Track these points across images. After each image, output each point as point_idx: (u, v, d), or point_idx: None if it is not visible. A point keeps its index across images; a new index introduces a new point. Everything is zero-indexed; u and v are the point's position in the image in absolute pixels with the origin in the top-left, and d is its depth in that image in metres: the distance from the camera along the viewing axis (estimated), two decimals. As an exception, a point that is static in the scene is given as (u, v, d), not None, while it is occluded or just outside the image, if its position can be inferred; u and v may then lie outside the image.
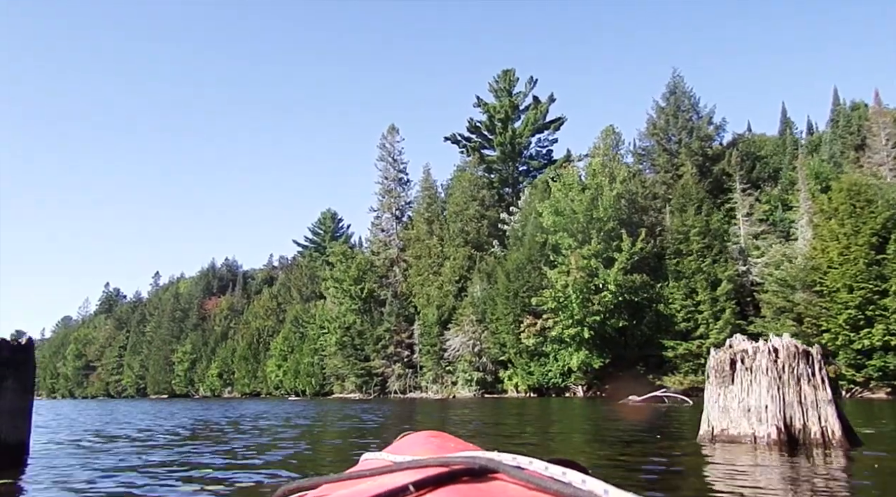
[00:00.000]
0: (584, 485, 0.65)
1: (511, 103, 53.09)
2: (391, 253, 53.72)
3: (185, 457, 6.05)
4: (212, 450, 6.75)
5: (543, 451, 5.59)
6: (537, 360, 38.31)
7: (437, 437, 1.26)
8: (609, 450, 6.41)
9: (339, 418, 14.74)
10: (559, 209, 35.85)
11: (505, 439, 8.04)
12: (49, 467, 5.32)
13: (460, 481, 0.73)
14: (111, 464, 5.54)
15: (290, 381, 62.41)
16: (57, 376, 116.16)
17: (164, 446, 7.36)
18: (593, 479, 0.66)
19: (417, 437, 1.27)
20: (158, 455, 6.34)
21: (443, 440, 1.21)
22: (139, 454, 6.41)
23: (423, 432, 1.32)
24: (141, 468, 5.18)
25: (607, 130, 38.40)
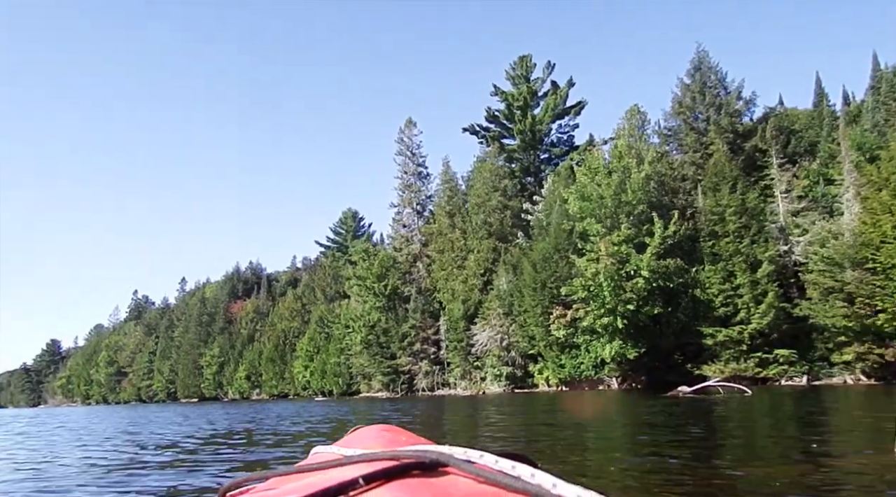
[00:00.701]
0: (533, 478, 0.66)
1: (529, 90, 51.53)
2: (413, 248, 52.63)
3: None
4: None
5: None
6: (568, 352, 36.91)
7: (389, 430, 1.23)
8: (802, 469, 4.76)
9: (369, 421, 13.65)
10: (585, 195, 34.36)
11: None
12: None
13: (410, 475, 0.73)
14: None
15: (317, 382, 61.90)
16: (91, 383, 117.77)
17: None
18: (542, 473, 0.67)
19: (369, 431, 1.24)
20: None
21: (394, 434, 1.19)
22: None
23: (376, 426, 1.28)
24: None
25: (632, 110, 36.74)
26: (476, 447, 0.78)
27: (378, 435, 1.19)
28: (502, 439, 8.24)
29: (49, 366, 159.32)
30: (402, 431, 1.24)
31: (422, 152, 54.37)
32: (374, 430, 1.24)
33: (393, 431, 1.23)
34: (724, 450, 6.47)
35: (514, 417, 13.09)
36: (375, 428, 1.27)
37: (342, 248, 78.67)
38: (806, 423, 9.57)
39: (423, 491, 0.69)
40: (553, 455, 5.89)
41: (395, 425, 1.31)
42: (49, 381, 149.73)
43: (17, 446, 10.25)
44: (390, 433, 1.20)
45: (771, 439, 7.44)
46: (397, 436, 1.18)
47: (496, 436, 8.75)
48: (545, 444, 7.32)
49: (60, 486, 5.18)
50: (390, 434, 1.19)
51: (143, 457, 7.44)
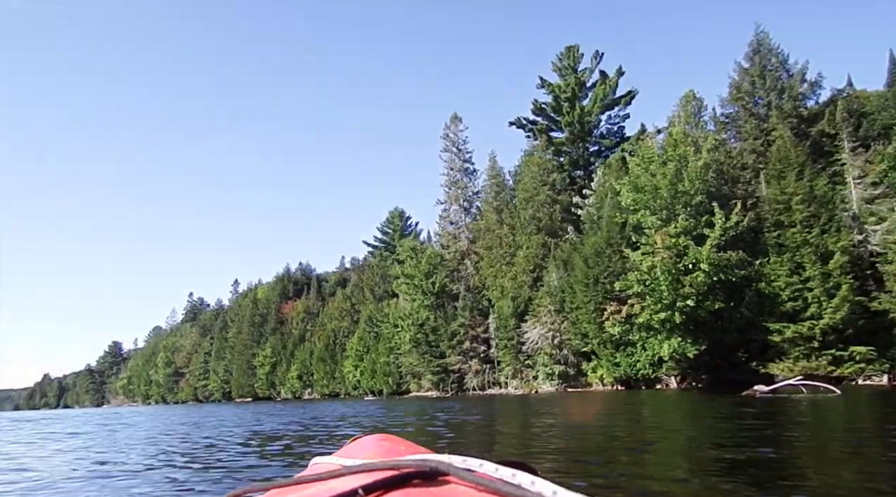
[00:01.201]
0: (534, 486, 0.66)
1: (577, 81, 50.05)
2: (461, 245, 51.87)
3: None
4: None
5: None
6: (623, 349, 35.48)
7: (388, 440, 1.24)
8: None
9: (423, 422, 13.00)
10: (639, 185, 32.89)
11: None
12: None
13: (411, 484, 0.73)
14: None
15: (367, 381, 61.88)
16: (150, 383, 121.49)
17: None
18: (542, 481, 0.67)
19: (368, 441, 1.26)
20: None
21: (393, 443, 1.20)
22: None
23: (374, 435, 1.30)
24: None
25: (687, 96, 35.01)
26: (475, 456, 0.78)
27: (377, 444, 1.18)
28: (595, 453, 7.35)
29: (111, 367, 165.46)
30: (402, 441, 1.23)
31: (468, 148, 53.63)
32: (374, 440, 1.24)
33: (392, 441, 1.22)
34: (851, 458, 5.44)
35: (586, 422, 12.17)
36: (375, 437, 1.26)
37: (389, 247, 78.64)
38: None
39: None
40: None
41: (392, 434, 1.30)
42: (111, 381, 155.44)
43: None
44: (389, 442, 1.20)
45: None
46: (396, 445, 1.18)
47: (581, 451, 7.87)
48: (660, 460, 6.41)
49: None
50: (389, 443, 1.19)
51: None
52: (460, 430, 10.68)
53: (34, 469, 7.28)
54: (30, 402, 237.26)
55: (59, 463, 8.08)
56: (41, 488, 5.60)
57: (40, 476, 6.51)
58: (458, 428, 11.21)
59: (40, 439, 12.84)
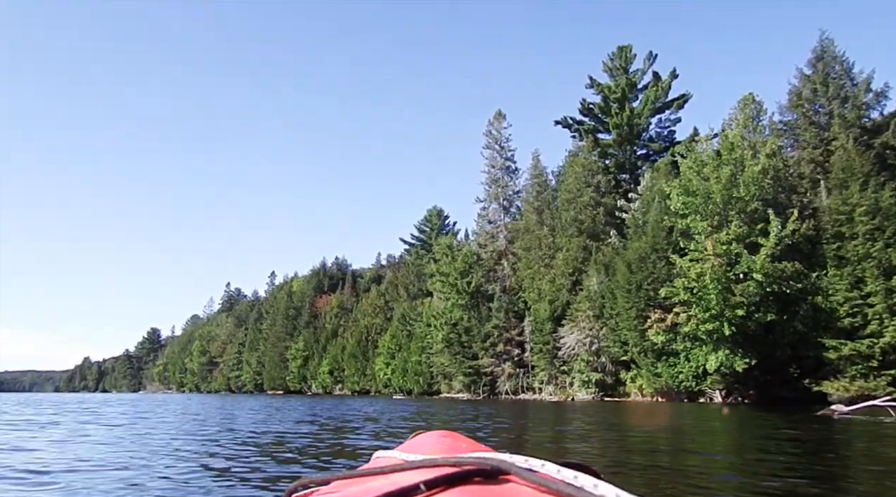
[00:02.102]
0: (596, 489, 0.65)
1: (628, 82, 48.66)
2: (499, 245, 50.86)
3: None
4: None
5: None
6: (665, 360, 34.06)
7: (449, 436, 1.24)
8: None
9: (460, 427, 12.25)
10: (690, 189, 31.50)
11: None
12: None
13: (472, 482, 0.74)
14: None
15: (397, 380, 61.38)
16: (185, 371, 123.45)
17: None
18: (605, 484, 0.66)
19: (429, 437, 1.26)
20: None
21: (455, 440, 1.20)
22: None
23: (436, 431, 1.30)
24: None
25: (746, 99, 33.45)
26: (539, 457, 0.76)
27: (438, 441, 1.18)
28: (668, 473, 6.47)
29: (149, 353, 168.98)
30: (463, 438, 1.23)
31: (510, 146, 52.51)
32: (435, 436, 1.24)
33: (453, 438, 1.22)
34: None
35: (650, 434, 11.22)
36: (436, 434, 1.26)
37: (426, 245, 78.09)
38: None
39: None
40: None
41: (456, 432, 1.29)
42: (148, 367, 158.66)
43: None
44: (451, 439, 1.20)
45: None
46: (458, 442, 1.18)
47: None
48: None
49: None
50: (451, 440, 1.19)
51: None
52: (510, 436, 9.89)
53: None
54: (69, 384, 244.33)
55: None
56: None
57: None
58: (506, 433, 10.43)
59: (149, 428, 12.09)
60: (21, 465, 5.73)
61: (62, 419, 13.88)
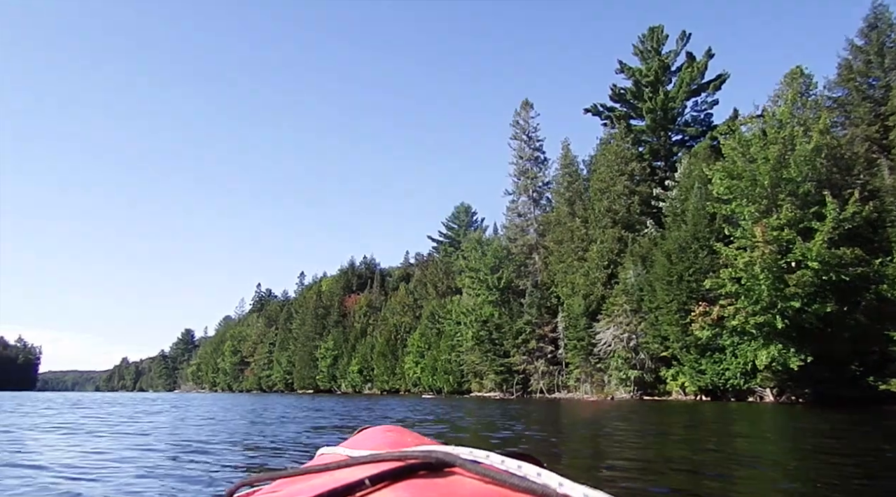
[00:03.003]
0: (540, 478, 0.65)
1: (661, 64, 46.15)
2: (529, 239, 48.88)
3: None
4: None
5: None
6: (710, 356, 31.83)
7: (394, 431, 1.25)
8: None
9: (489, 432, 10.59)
10: (735, 172, 29.18)
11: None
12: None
13: (417, 475, 0.73)
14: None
15: (427, 378, 59.98)
16: (217, 371, 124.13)
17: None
18: (548, 473, 0.66)
19: (375, 432, 1.26)
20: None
21: (400, 434, 1.21)
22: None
23: (381, 427, 1.31)
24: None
25: (793, 73, 30.90)
26: (481, 447, 0.77)
27: (384, 435, 1.18)
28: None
29: (183, 353, 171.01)
30: (408, 432, 1.23)
31: (539, 136, 50.39)
32: (380, 431, 1.24)
33: (399, 432, 1.22)
34: None
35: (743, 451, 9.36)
36: (381, 428, 1.27)
37: (454, 243, 76.55)
38: None
39: (430, 491, 0.69)
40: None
41: (400, 426, 1.28)
42: (183, 367, 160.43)
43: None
44: (396, 434, 1.20)
45: None
46: (403, 436, 1.18)
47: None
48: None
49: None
50: (396, 434, 1.19)
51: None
52: (549, 443, 8.16)
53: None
54: (108, 383, 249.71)
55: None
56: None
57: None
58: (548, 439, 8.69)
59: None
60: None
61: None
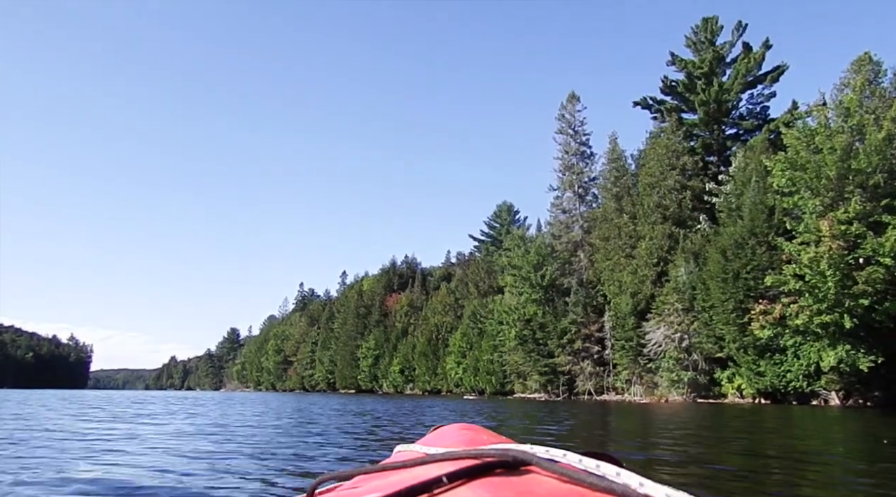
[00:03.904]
0: (619, 477, 0.64)
1: (715, 55, 44.39)
2: (574, 235, 47.67)
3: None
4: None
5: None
6: (770, 357, 30.24)
7: (470, 429, 1.23)
8: None
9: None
10: (798, 163, 27.63)
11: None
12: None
13: (493, 473, 0.73)
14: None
15: (469, 379, 59.24)
16: (261, 370, 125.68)
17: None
18: (628, 472, 0.65)
19: (450, 430, 1.25)
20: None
21: (475, 432, 1.19)
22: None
23: (456, 424, 1.29)
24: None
25: (861, 59, 29.08)
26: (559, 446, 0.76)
27: (459, 433, 1.17)
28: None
29: (229, 352, 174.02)
30: (484, 430, 1.22)
31: (585, 130, 49.13)
32: (456, 429, 1.23)
33: (474, 430, 1.21)
34: None
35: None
36: (456, 426, 1.26)
37: (496, 242, 75.59)
38: None
39: (506, 489, 0.68)
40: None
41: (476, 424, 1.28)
42: (228, 366, 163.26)
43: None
44: (472, 432, 1.19)
45: None
46: (479, 435, 1.16)
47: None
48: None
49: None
50: (472, 433, 1.18)
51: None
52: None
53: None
54: (157, 382, 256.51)
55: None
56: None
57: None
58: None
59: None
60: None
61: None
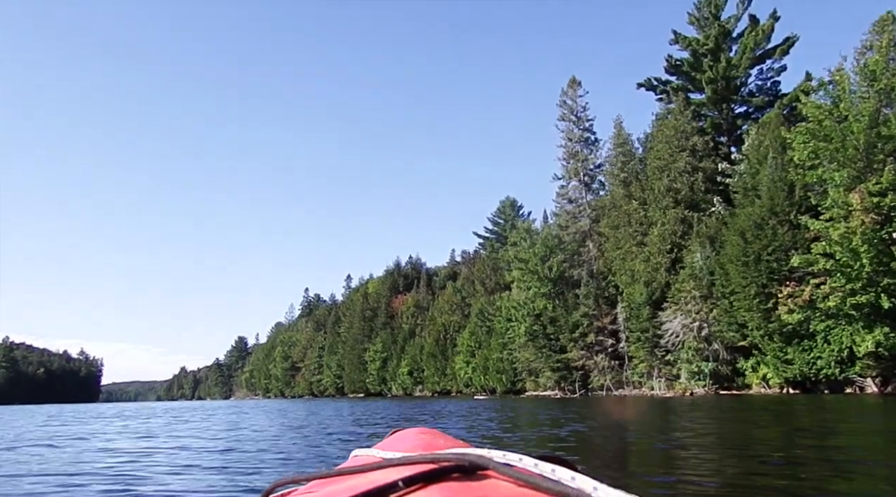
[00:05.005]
0: (574, 482, 0.64)
1: (721, 30, 42.38)
2: (582, 225, 45.78)
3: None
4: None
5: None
6: (797, 343, 28.29)
7: (428, 433, 1.24)
8: None
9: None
10: (820, 132, 25.69)
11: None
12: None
13: (450, 478, 0.73)
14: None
15: (479, 379, 57.49)
16: (269, 377, 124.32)
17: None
18: (583, 476, 0.65)
19: (408, 434, 1.26)
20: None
21: (433, 437, 1.20)
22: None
23: (414, 429, 1.31)
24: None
25: (884, 20, 27.06)
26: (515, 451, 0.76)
27: (417, 438, 1.17)
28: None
29: (237, 361, 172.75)
30: (441, 435, 1.23)
31: (588, 115, 47.19)
32: (413, 433, 1.24)
33: (432, 434, 1.22)
34: None
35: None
36: (414, 431, 1.27)
37: (501, 238, 73.80)
38: None
39: (462, 494, 0.68)
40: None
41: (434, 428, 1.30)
42: (237, 375, 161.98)
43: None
44: (429, 436, 1.19)
45: None
46: (436, 439, 1.16)
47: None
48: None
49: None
50: (429, 437, 1.18)
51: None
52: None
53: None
54: (168, 392, 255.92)
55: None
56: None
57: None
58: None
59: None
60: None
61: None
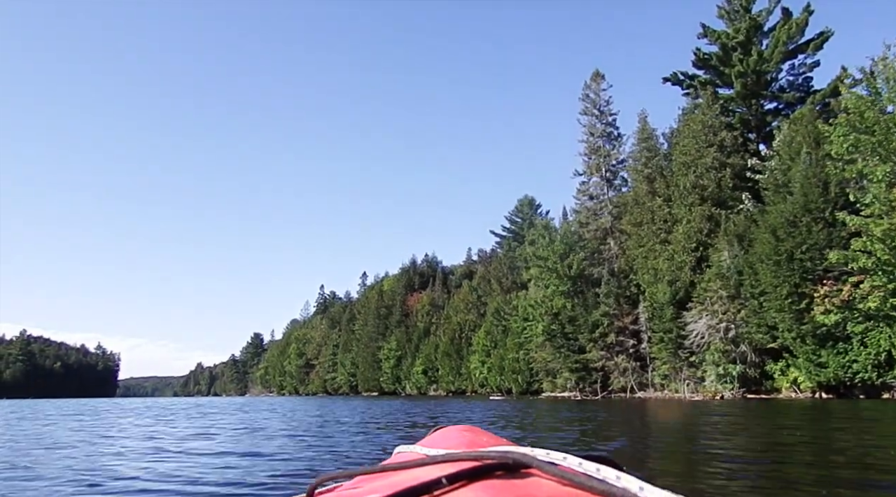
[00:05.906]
0: (619, 481, 0.64)
1: (752, 24, 41.00)
2: (603, 222, 44.54)
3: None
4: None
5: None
6: (832, 346, 26.94)
7: (470, 431, 1.24)
8: None
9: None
10: (863, 125, 24.35)
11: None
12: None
13: (493, 476, 0.72)
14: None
15: (494, 379, 56.43)
16: (284, 374, 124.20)
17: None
18: (628, 476, 0.64)
19: (451, 431, 1.26)
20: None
21: (476, 434, 1.20)
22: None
23: (457, 426, 1.30)
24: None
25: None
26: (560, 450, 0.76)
27: (460, 435, 1.18)
28: None
29: (253, 357, 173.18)
30: (485, 432, 1.22)
31: (611, 109, 45.89)
32: (457, 431, 1.23)
33: (475, 432, 1.21)
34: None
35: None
36: (457, 428, 1.26)
37: (518, 237, 72.70)
38: None
39: (506, 492, 0.68)
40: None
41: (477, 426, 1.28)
42: (253, 371, 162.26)
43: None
44: (472, 434, 1.19)
45: None
46: (479, 436, 1.16)
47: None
48: None
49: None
50: (472, 434, 1.18)
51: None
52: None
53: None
54: (185, 389, 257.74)
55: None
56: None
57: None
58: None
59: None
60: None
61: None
